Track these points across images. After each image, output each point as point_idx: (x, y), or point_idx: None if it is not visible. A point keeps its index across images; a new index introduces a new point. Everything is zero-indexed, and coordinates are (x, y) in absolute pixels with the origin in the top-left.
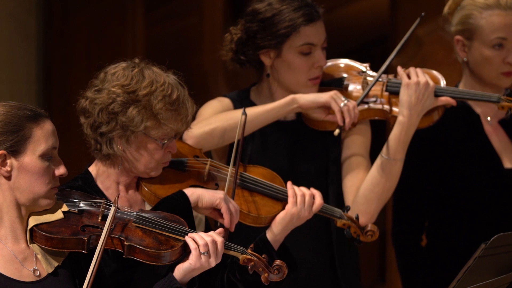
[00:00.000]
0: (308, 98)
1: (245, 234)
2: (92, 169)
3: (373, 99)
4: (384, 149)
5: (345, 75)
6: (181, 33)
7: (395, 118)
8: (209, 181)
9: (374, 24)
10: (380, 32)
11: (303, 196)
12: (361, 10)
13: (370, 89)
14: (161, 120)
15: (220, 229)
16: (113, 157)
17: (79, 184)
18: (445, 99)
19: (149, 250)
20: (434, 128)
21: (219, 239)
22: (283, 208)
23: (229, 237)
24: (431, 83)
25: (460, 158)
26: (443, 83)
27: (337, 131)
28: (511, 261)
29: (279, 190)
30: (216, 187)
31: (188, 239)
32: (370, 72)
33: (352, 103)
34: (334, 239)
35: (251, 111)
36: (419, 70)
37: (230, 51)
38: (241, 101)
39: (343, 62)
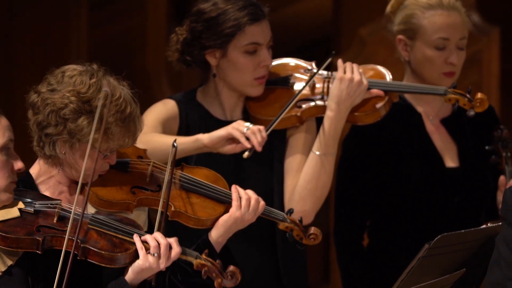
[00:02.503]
0: (210, 136)
1: (186, 235)
2: (34, 170)
3: (319, 96)
4: (315, 144)
5: (291, 73)
6: (124, 33)
7: None
8: (152, 183)
9: (318, 24)
10: (323, 32)
11: (249, 199)
12: (304, 10)
13: (293, 100)
14: (109, 134)
15: (174, 238)
16: (54, 158)
17: (19, 187)
18: (375, 92)
19: (103, 252)
20: (376, 126)
21: (177, 249)
22: (226, 211)
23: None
24: (364, 81)
25: (402, 156)
26: (389, 77)
27: (246, 154)
28: (454, 261)
29: (221, 192)
30: (159, 188)
31: (136, 238)
32: (315, 70)
33: (255, 126)
34: (278, 240)
35: (163, 139)
36: (355, 67)
37: (176, 52)
38: (187, 102)
39: (289, 61)
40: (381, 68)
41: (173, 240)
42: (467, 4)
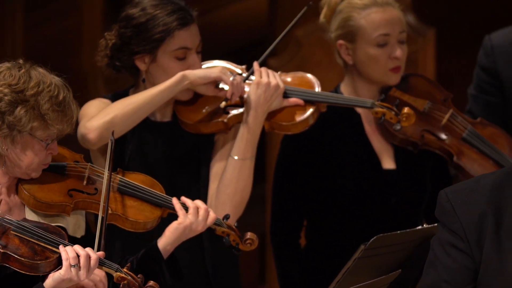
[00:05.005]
0: (199, 73)
1: (126, 239)
2: None
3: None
4: (234, 149)
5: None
6: (60, 34)
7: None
8: (89, 185)
9: (253, 26)
10: (258, 34)
11: (196, 209)
12: (239, 12)
13: (248, 76)
14: (48, 120)
15: (101, 253)
16: None
17: None
18: (293, 100)
19: (23, 259)
20: (314, 126)
21: (94, 256)
22: (162, 214)
23: (110, 241)
24: (281, 85)
25: (339, 157)
26: (318, 88)
27: (223, 103)
28: (390, 262)
29: (159, 196)
30: (96, 191)
31: (61, 249)
32: (245, 75)
33: (239, 78)
34: (205, 242)
35: (145, 94)
36: (271, 72)
37: (105, 57)
38: None
39: (219, 64)
40: (310, 77)
41: (89, 249)
42: (403, 4)
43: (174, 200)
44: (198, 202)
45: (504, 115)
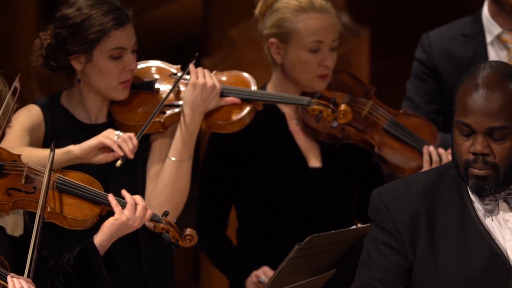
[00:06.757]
0: (82, 146)
1: (67, 238)
2: None
3: (182, 102)
4: (171, 151)
5: (156, 77)
6: None
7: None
8: (27, 184)
9: (187, 25)
10: (192, 34)
11: (134, 205)
12: (173, 12)
13: (160, 107)
14: None
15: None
16: None
17: None
18: (230, 100)
19: None
20: None
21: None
22: (101, 212)
23: (48, 240)
24: (217, 85)
25: (266, 156)
26: (254, 86)
27: (119, 162)
28: (325, 262)
29: (97, 193)
30: (34, 190)
31: (9, 280)
32: (180, 74)
33: (126, 134)
34: (141, 243)
35: (32, 153)
36: (207, 71)
37: (40, 57)
38: (52, 107)
39: (154, 64)
40: (246, 76)
41: (29, 281)
42: (337, 4)
43: (110, 197)
44: (138, 198)
45: (443, 103)
